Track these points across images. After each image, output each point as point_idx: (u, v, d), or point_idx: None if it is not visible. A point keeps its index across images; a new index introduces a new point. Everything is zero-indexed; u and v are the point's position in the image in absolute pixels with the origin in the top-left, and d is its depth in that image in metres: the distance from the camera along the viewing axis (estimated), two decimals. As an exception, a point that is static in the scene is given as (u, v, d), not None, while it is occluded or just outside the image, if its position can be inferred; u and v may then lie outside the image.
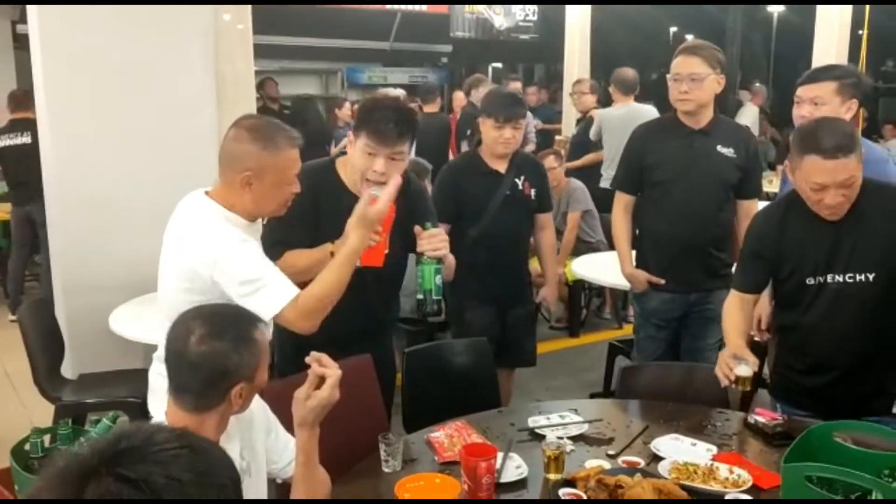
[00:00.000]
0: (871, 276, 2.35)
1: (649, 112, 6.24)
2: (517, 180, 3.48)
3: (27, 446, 2.60)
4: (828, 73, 2.83)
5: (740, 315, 2.55)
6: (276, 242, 2.46)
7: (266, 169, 2.11)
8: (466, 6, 12.35)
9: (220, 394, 1.71)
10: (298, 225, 2.49)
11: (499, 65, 18.76)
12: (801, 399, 2.55)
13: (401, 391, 2.84)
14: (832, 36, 6.44)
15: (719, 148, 3.26)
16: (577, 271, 4.87)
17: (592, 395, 4.60)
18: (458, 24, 12.38)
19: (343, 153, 2.67)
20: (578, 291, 5.71)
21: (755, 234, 2.57)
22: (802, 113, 2.82)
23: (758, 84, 11.66)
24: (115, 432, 1.05)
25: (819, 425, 1.79)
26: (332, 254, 2.38)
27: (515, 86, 7.75)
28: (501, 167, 3.46)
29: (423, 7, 12.41)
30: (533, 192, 3.54)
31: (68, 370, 3.77)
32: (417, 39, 14.44)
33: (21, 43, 7.49)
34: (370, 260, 2.38)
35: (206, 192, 2.19)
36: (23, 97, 5.68)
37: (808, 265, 2.41)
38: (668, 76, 3.28)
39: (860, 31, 7.33)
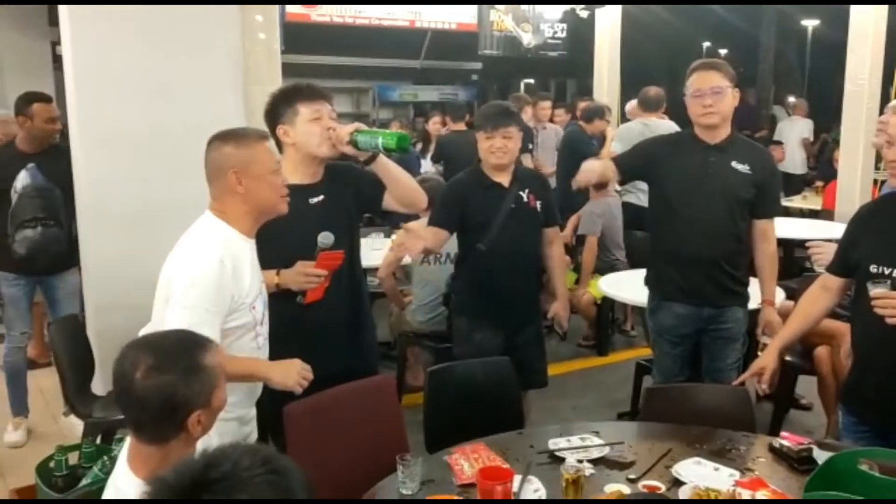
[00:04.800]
0: None
1: (665, 126, 6.20)
2: (521, 193, 3.45)
3: (52, 464, 2.62)
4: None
5: (821, 293, 2.74)
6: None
7: (247, 162, 2.20)
8: (495, 24, 12.38)
9: (175, 425, 1.63)
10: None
11: (531, 80, 18.71)
12: (855, 406, 2.57)
13: (423, 410, 2.84)
14: (866, 48, 6.33)
15: (734, 164, 3.23)
16: (604, 289, 4.83)
17: (620, 415, 4.55)
18: (487, 42, 12.42)
19: None
20: (606, 310, 5.65)
21: (849, 222, 2.73)
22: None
23: (792, 98, 11.46)
24: (202, 459, 1.14)
25: (844, 452, 1.75)
26: (276, 285, 2.53)
27: (545, 104, 7.77)
28: (504, 180, 3.44)
29: (453, 25, 12.46)
30: (538, 204, 3.50)
31: (99, 387, 3.82)
32: (447, 57, 14.50)
33: (60, 64, 7.63)
34: (312, 297, 2.60)
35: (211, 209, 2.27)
36: None
37: (877, 253, 2.45)
38: (685, 95, 3.26)
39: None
